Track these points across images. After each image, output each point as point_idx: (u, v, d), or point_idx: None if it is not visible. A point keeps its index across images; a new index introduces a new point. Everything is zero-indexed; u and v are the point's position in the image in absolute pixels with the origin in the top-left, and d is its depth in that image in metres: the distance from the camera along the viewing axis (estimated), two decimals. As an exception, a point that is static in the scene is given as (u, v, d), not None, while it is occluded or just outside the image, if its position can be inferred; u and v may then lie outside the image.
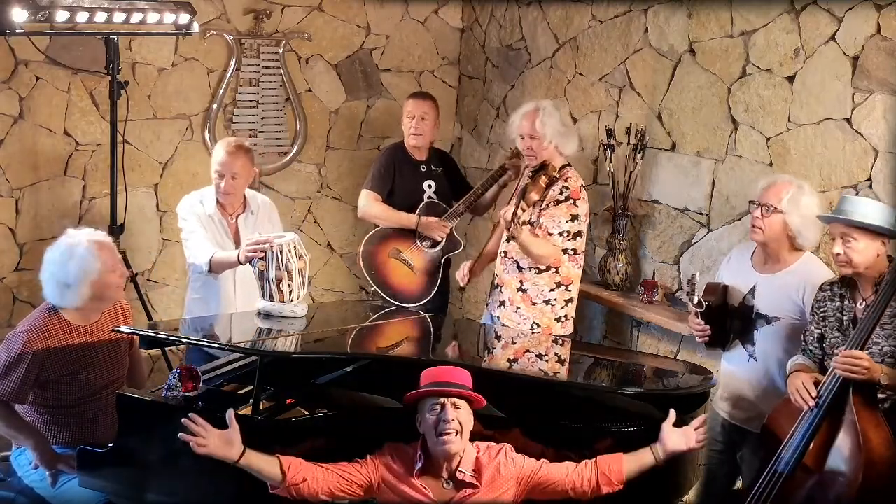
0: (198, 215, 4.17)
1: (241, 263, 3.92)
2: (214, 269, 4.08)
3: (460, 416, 2.87)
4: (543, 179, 4.04)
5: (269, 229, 4.20)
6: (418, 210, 4.68)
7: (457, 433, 2.86)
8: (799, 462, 3.02)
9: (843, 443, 2.97)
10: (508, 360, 3.77)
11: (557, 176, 4.07)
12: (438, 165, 4.83)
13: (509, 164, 4.60)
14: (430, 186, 4.75)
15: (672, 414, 3.02)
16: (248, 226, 4.22)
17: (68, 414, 3.51)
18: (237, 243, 4.16)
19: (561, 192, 4.08)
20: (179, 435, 2.88)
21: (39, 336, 3.41)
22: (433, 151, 4.85)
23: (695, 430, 3.02)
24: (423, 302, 4.65)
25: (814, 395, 3.02)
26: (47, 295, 3.48)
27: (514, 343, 3.95)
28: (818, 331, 3.23)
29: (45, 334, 3.42)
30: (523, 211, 3.99)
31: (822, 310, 3.23)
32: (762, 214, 3.38)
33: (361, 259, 4.70)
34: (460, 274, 4.46)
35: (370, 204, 4.73)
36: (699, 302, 3.49)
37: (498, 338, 4.07)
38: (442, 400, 2.87)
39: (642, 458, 2.98)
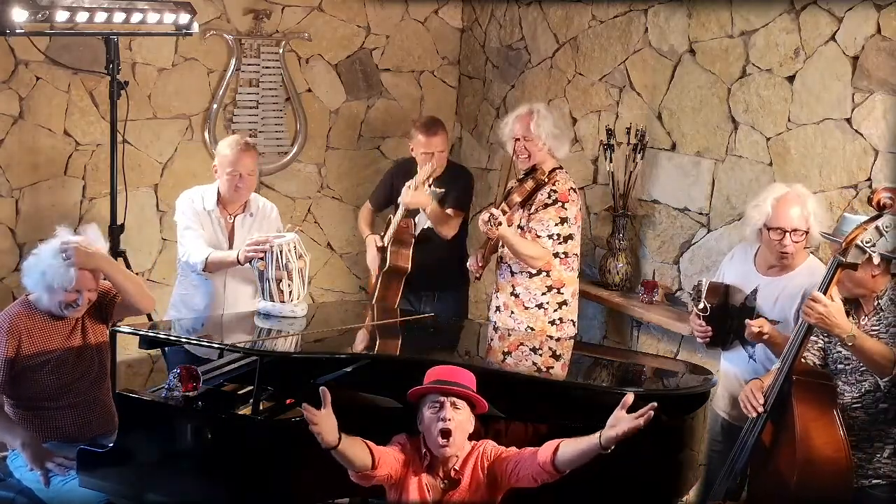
0: (196, 211, 4.15)
1: (240, 264, 3.92)
2: (210, 269, 4.07)
3: (459, 416, 2.85)
4: (530, 184, 4.05)
5: (266, 230, 4.18)
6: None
7: (452, 435, 2.83)
8: (749, 457, 3.07)
9: (782, 442, 2.99)
10: (503, 353, 3.76)
11: (546, 180, 4.07)
12: (448, 176, 4.61)
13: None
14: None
15: (629, 397, 2.71)
16: (245, 227, 4.20)
17: (49, 407, 3.51)
18: (231, 242, 4.16)
19: (549, 196, 4.06)
20: (303, 405, 2.72)
21: (9, 324, 3.46)
22: (448, 165, 4.67)
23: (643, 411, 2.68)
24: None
25: (761, 402, 3.06)
26: (23, 282, 3.53)
27: (515, 345, 3.94)
28: (821, 342, 3.21)
29: (15, 323, 3.47)
30: (504, 213, 3.97)
31: None
32: (794, 241, 3.32)
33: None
34: (471, 263, 4.34)
35: (359, 216, 4.89)
36: (704, 307, 3.49)
37: (496, 335, 4.07)
38: (441, 398, 2.86)
39: (581, 443, 2.72)
